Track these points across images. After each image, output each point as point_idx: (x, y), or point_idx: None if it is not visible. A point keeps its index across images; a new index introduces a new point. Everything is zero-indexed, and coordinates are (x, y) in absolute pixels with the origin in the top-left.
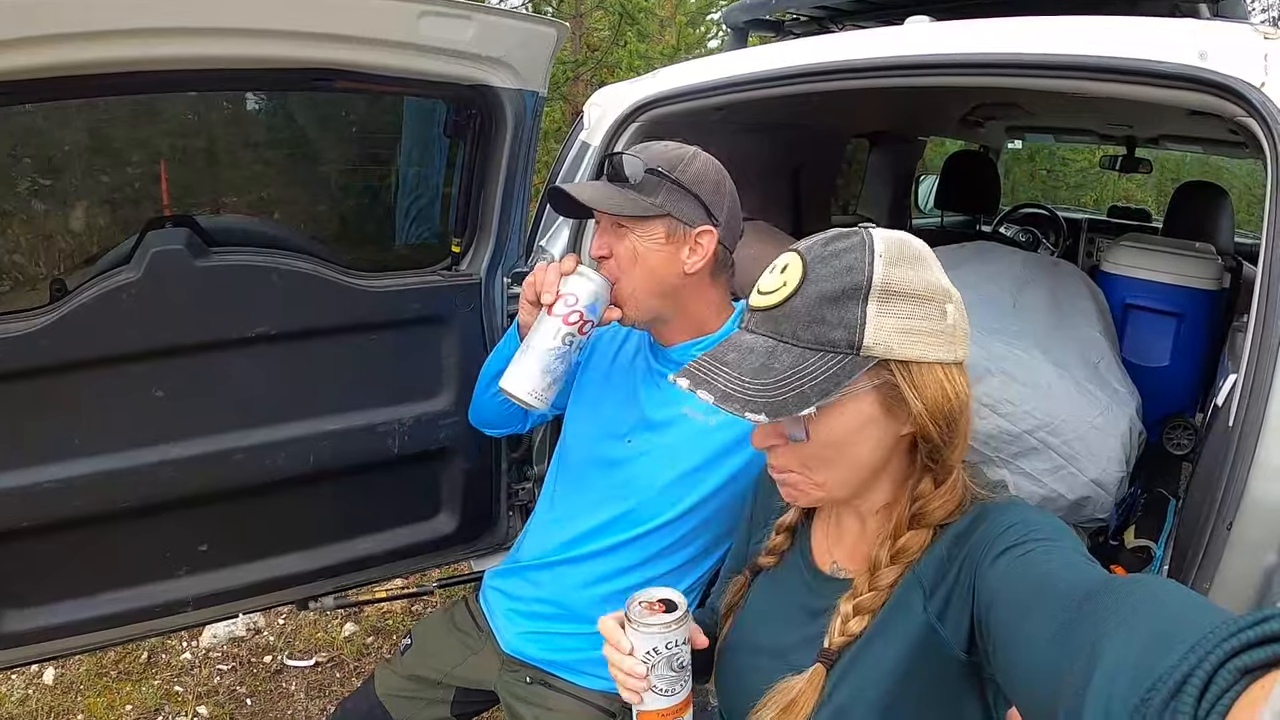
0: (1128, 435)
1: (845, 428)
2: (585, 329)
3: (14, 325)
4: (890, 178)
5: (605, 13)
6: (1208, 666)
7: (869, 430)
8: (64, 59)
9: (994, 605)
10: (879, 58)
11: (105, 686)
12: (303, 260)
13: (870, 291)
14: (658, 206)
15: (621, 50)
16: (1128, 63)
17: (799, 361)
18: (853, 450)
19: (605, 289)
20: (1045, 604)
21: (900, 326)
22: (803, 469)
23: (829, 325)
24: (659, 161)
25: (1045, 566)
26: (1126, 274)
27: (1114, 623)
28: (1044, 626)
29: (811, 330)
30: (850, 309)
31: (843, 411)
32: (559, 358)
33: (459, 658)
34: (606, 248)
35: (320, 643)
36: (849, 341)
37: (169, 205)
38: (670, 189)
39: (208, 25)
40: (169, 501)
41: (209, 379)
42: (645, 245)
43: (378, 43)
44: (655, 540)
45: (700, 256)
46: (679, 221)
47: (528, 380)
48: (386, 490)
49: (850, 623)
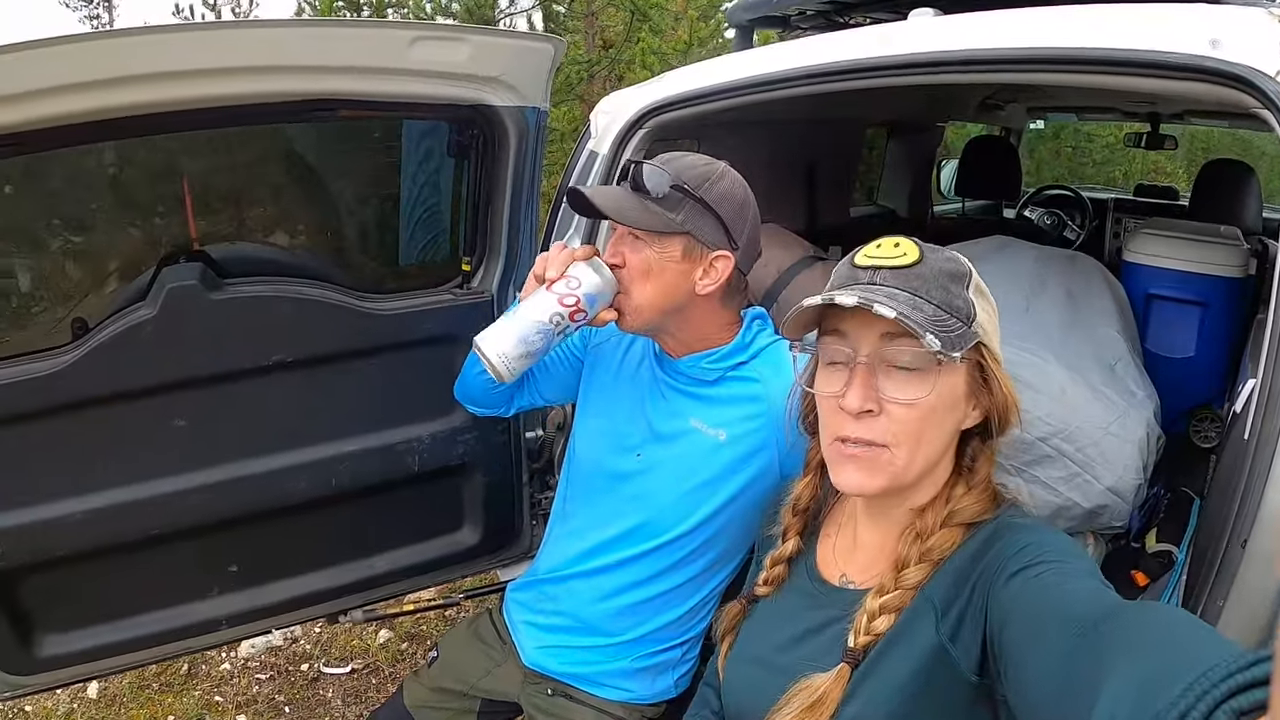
0: (1145, 441)
1: (942, 399)
2: (576, 317)
3: (39, 365)
4: (910, 166)
5: (617, 9)
6: (1203, 708)
7: (953, 410)
8: (79, 107)
9: (1006, 625)
10: (887, 56)
11: (148, 699)
12: (315, 287)
13: (970, 281)
14: (678, 224)
15: (635, 47)
16: (1132, 54)
17: (936, 315)
18: (938, 426)
19: (611, 287)
20: (1055, 629)
21: (987, 319)
22: (892, 441)
23: (952, 295)
24: (686, 177)
25: (1057, 590)
26: (1149, 263)
27: (1117, 654)
28: (1052, 652)
29: (941, 294)
30: (960, 289)
31: (945, 380)
32: (540, 333)
33: (483, 670)
34: (620, 256)
35: (355, 650)
36: (967, 313)
37: (195, 238)
38: (693, 207)
39: (208, 67)
40: (197, 526)
41: (230, 408)
42: (660, 261)
43: (374, 71)
44: (668, 554)
45: (713, 280)
46: (697, 241)
47: (501, 342)
48: (409, 506)
49: (876, 621)
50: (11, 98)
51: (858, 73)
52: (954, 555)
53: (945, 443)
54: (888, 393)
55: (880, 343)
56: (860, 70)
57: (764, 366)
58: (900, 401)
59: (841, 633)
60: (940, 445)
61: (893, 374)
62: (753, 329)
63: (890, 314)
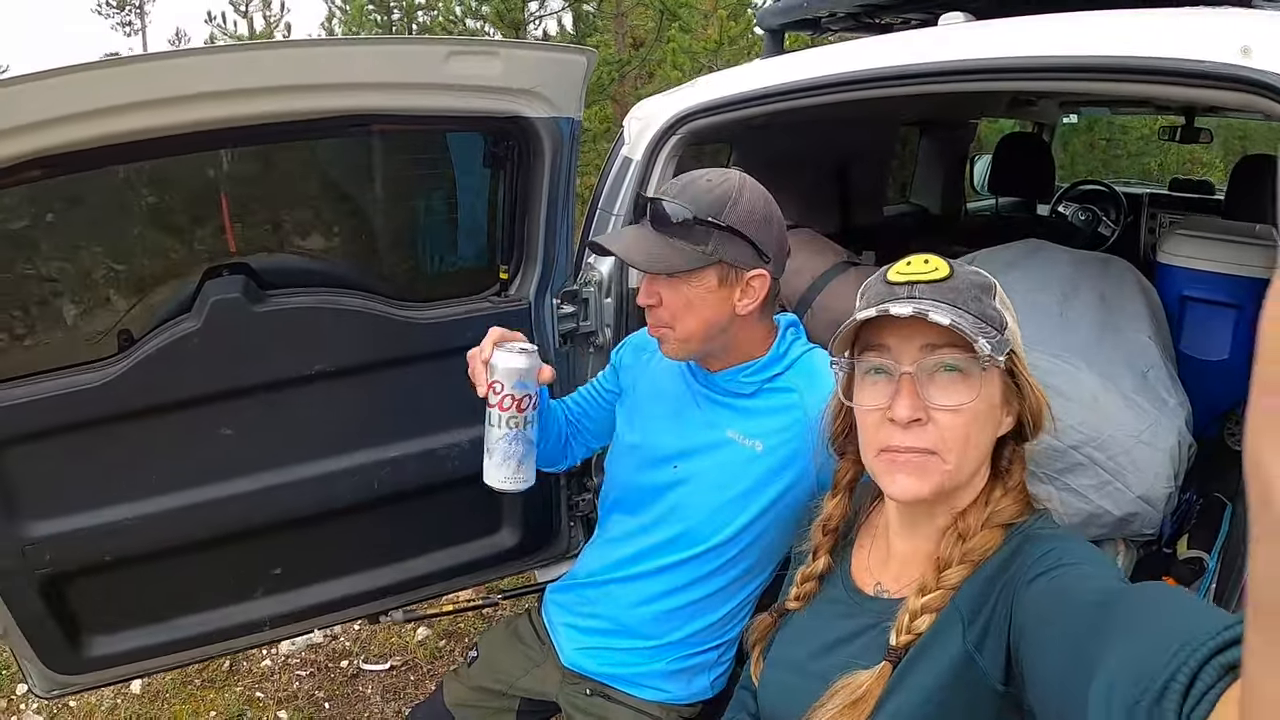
0: (1176, 449)
1: (985, 403)
2: (524, 405)
3: (86, 376)
4: (942, 163)
5: (647, 9)
6: (1193, 664)
7: (993, 415)
8: (129, 127)
9: (1025, 627)
10: (919, 64)
11: (190, 694)
12: (355, 297)
13: (997, 293)
14: (709, 255)
15: (665, 46)
16: (1162, 63)
17: (977, 325)
18: (981, 431)
19: (526, 360)
20: (1064, 614)
21: (1015, 326)
22: (942, 447)
23: (985, 305)
24: (706, 207)
25: (1073, 587)
26: (1183, 264)
27: (1117, 631)
28: (1060, 639)
29: (977, 305)
30: (990, 300)
31: (987, 386)
32: (513, 440)
33: (522, 670)
34: (655, 296)
35: (394, 647)
36: (1000, 322)
37: (236, 250)
38: (720, 234)
39: (249, 86)
40: (242, 530)
41: (273, 416)
42: (698, 294)
43: (410, 86)
44: (706, 561)
45: (752, 299)
46: (731, 266)
47: (496, 473)
48: (449, 509)
49: (918, 620)
50: (58, 120)
51: (891, 80)
52: (984, 564)
53: (988, 447)
54: (935, 400)
55: (921, 354)
56: (893, 78)
57: (799, 377)
58: (948, 408)
59: (875, 639)
60: (984, 449)
61: (937, 381)
62: (787, 338)
63: (945, 320)
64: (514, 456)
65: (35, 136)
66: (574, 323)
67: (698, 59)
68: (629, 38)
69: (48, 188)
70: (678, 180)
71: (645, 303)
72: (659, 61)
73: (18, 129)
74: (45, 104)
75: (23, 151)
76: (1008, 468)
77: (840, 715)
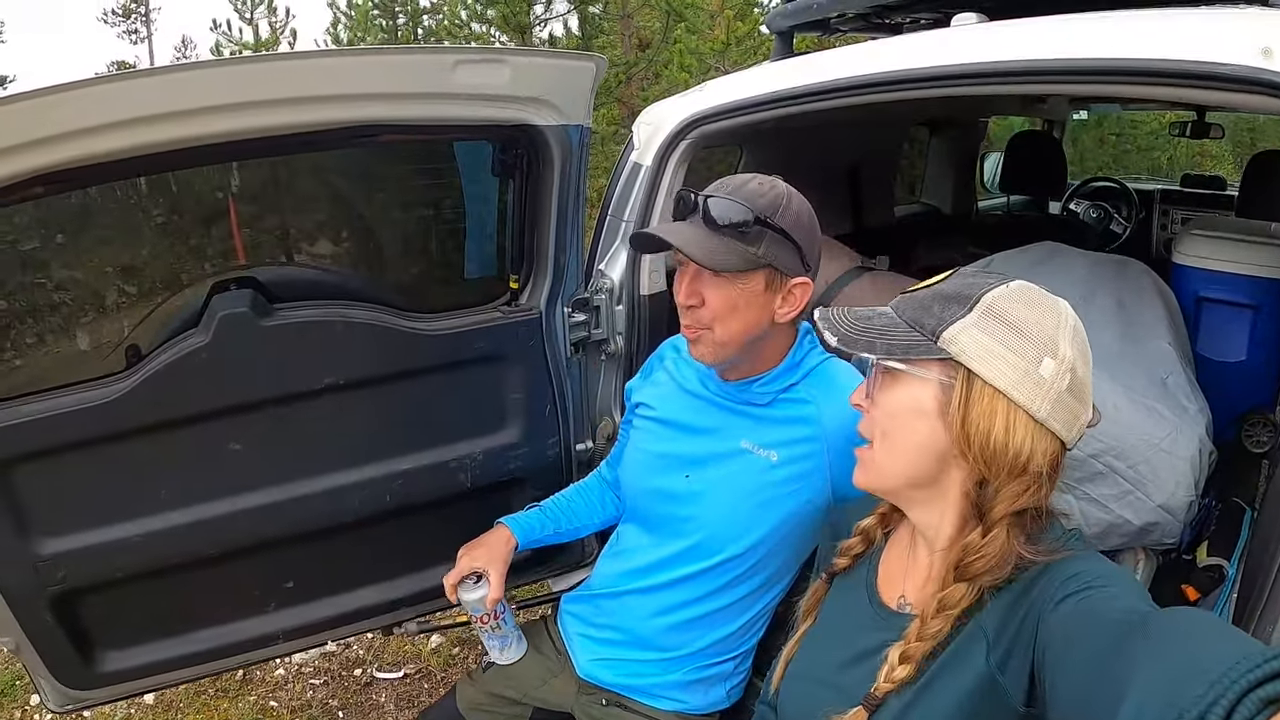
0: (1197, 457)
1: (901, 405)
2: (486, 619)
3: (95, 393)
4: (952, 162)
5: (653, 10)
6: (1231, 697)
7: (921, 421)
8: (132, 143)
9: (1049, 647)
10: (932, 68)
11: (203, 704)
12: (363, 309)
13: (976, 304)
14: (761, 258)
15: (672, 47)
16: (1180, 66)
17: (891, 325)
18: (904, 433)
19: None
20: (1090, 636)
21: (984, 342)
22: (873, 437)
23: (929, 314)
24: (762, 206)
25: (1099, 608)
26: (1198, 265)
27: (1144, 656)
28: (1083, 659)
29: (915, 312)
30: (952, 309)
31: (905, 388)
32: (490, 638)
33: (539, 680)
34: (697, 296)
35: (408, 655)
36: (934, 329)
37: (243, 264)
38: (772, 237)
39: (252, 99)
40: (254, 545)
41: (283, 430)
42: (744, 296)
43: (417, 96)
44: (720, 574)
45: (793, 307)
46: (778, 271)
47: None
48: (462, 520)
49: (896, 670)
50: (64, 136)
51: (903, 84)
52: (1009, 586)
53: (924, 455)
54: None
55: None
56: (905, 81)
57: (814, 388)
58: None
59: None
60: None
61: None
62: (804, 346)
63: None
64: (496, 646)
65: (37, 154)
66: (585, 331)
67: (704, 60)
68: (635, 39)
69: (52, 205)
70: (727, 182)
71: (688, 302)
72: (666, 63)
73: (19, 146)
74: (48, 121)
75: (24, 169)
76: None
77: None
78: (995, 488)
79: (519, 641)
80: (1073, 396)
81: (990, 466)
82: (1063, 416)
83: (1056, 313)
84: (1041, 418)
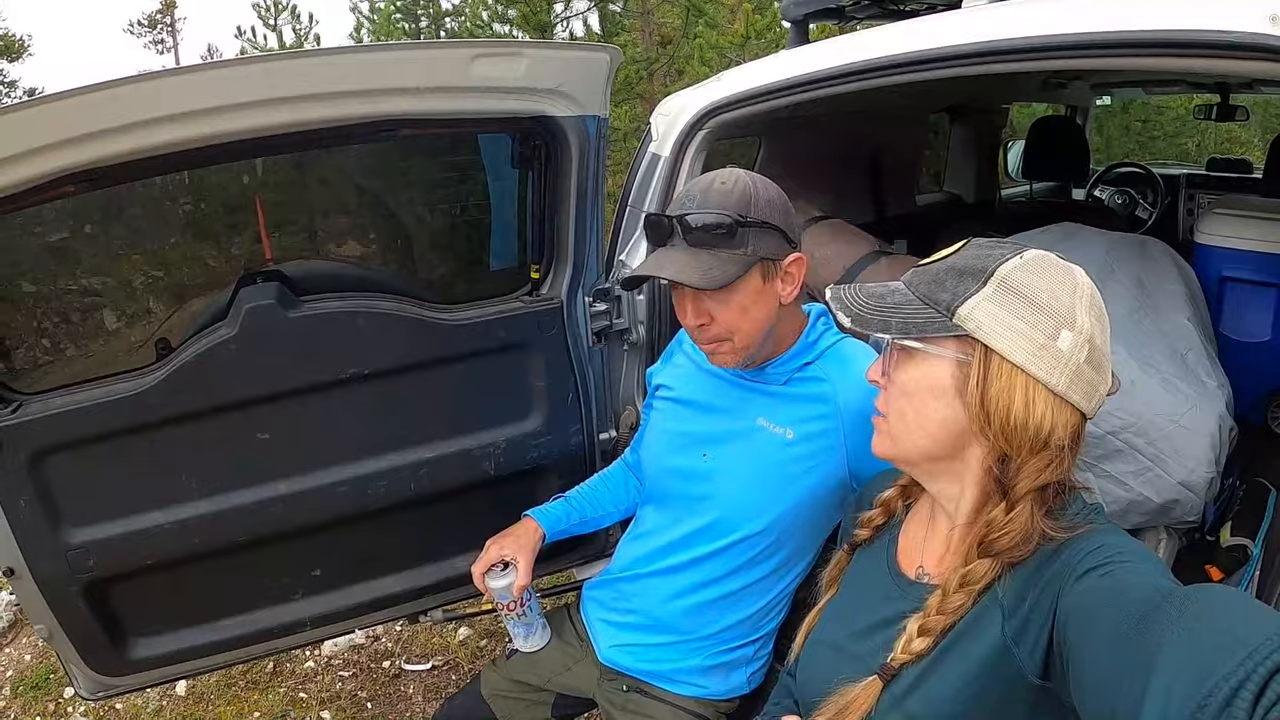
0: (1217, 434)
1: (917, 383)
2: (513, 607)
3: (125, 385)
4: (974, 150)
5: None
6: (1263, 673)
7: (938, 399)
8: (159, 140)
9: (1070, 622)
10: (948, 47)
11: (234, 696)
12: (388, 300)
13: (990, 277)
14: (750, 256)
15: (693, 43)
16: (1189, 35)
17: (905, 302)
18: (921, 412)
19: (503, 579)
20: (1114, 610)
21: (1000, 316)
22: (889, 413)
23: (943, 289)
24: (735, 206)
25: (1121, 584)
26: (1221, 244)
27: (1174, 631)
28: (1106, 636)
29: (928, 287)
30: (966, 283)
31: (920, 366)
32: (515, 625)
33: (561, 667)
34: (705, 315)
35: (436, 647)
36: (948, 304)
37: (270, 258)
38: (755, 232)
39: (274, 96)
40: (281, 533)
41: (309, 420)
42: (748, 298)
43: (436, 90)
44: (739, 553)
45: (793, 284)
46: (770, 260)
47: (517, 642)
48: (486, 508)
49: (914, 642)
50: (92, 135)
51: (918, 65)
52: (1027, 560)
53: (942, 432)
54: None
55: None
56: (920, 63)
57: (830, 366)
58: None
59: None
60: (933, 430)
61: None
62: (817, 328)
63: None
64: (521, 633)
65: (68, 153)
66: (607, 320)
67: (725, 54)
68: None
69: (83, 202)
70: (689, 194)
71: (698, 323)
72: (687, 58)
73: (50, 146)
74: (77, 120)
75: (56, 168)
76: (1000, 484)
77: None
78: (1018, 464)
79: (544, 629)
80: (1091, 367)
81: (1011, 443)
82: (1082, 388)
83: (1072, 281)
84: (1061, 391)
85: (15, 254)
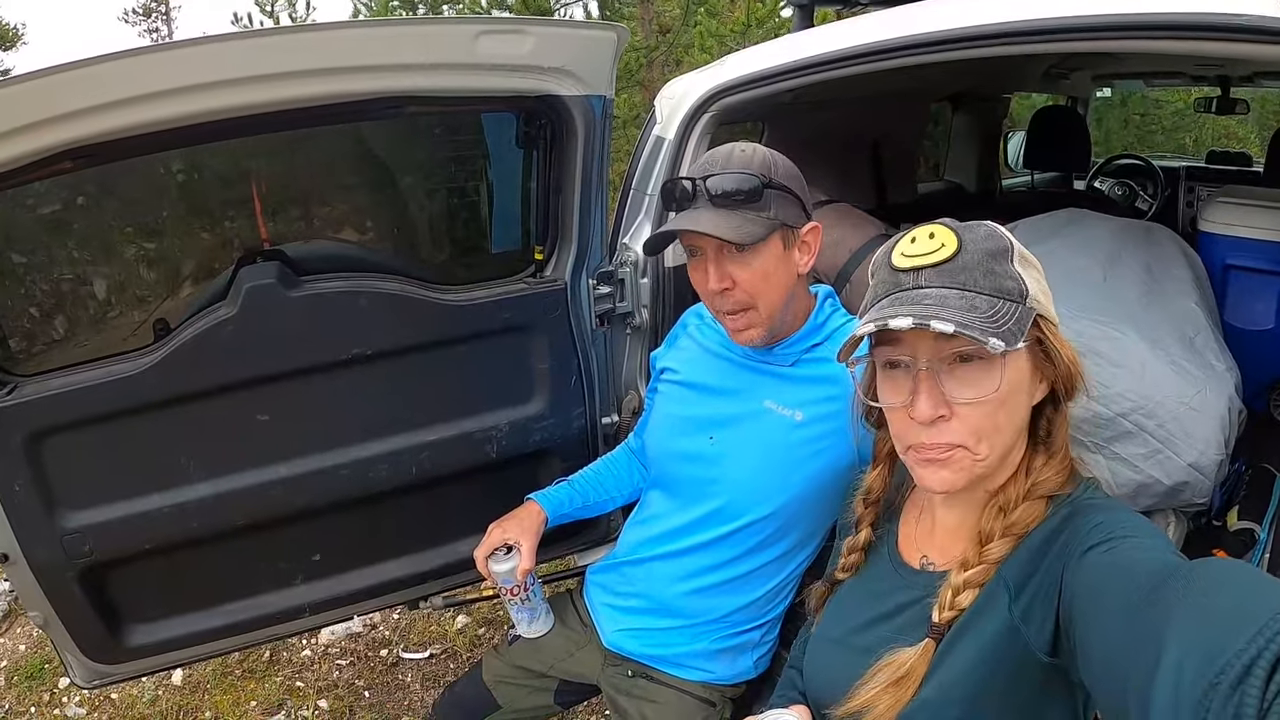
0: (1226, 416)
1: (1012, 384)
2: (516, 591)
3: (123, 366)
4: (975, 139)
5: None
6: (1274, 649)
7: (1022, 392)
8: (157, 116)
9: (1076, 598)
10: (954, 29)
11: (230, 685)
12: (390, 281)
13: (1014, 253)
14: (773, 220)
15: (692, 31)
16: (1198, 18)
17: (992, 306)
18: (1015, 411)
19: (506, 563)
20: (1120, 586)
21: (1038, 286)
22: (972, 439)
23: (1000, 276)
24: (759, 169)
25: (1126, 559)
26: (1225, 232)
27: (1184, 606)
28: (1115, 611)
29: (989, 279)
30: (1005, 264)
31: (1011, 368)
32: (518, 610)
33: (565, 653)
34: (728, 278)
35: (434, 635)
36: (1019, 291)
37: (269, 237)
38: (777, 196)
39: (275, 71)
40: (281, 517)
41: (310, 401)
42: (770, 262)
43: (441, 67)
44: (746, 536)
45: (809, 254)
46: (789, 227)
47: (520, 628)
48: (488, 493)
49: (961, 596)
50: (91, 110)
51: (921, 48)
52: (1031, 534)
53: (1019, 425)
54: (956, 394)
55: (937, 346)
56: (923, 45)
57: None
58: (970, 401)
59: (920, 614)
60: (1015, 429)
61: (956, 374)
62: (825, 309)
63: (950, 329)
64: (524, 619)
65: (65, 128)
66: (610, 303)
67: (725, 43)
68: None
69: (81, 179)
70: (711, 159)
71: (721, 286)
72: (687, 46)
73: (47, 121)
74: (74, 95)
75: (53, 143)
76: (1048, 434)
77: (884, 693)
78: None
79: (546, 615)
80: None
81: (1070, 389)
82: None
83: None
84: (1057, 322)
85: (11, 233)
